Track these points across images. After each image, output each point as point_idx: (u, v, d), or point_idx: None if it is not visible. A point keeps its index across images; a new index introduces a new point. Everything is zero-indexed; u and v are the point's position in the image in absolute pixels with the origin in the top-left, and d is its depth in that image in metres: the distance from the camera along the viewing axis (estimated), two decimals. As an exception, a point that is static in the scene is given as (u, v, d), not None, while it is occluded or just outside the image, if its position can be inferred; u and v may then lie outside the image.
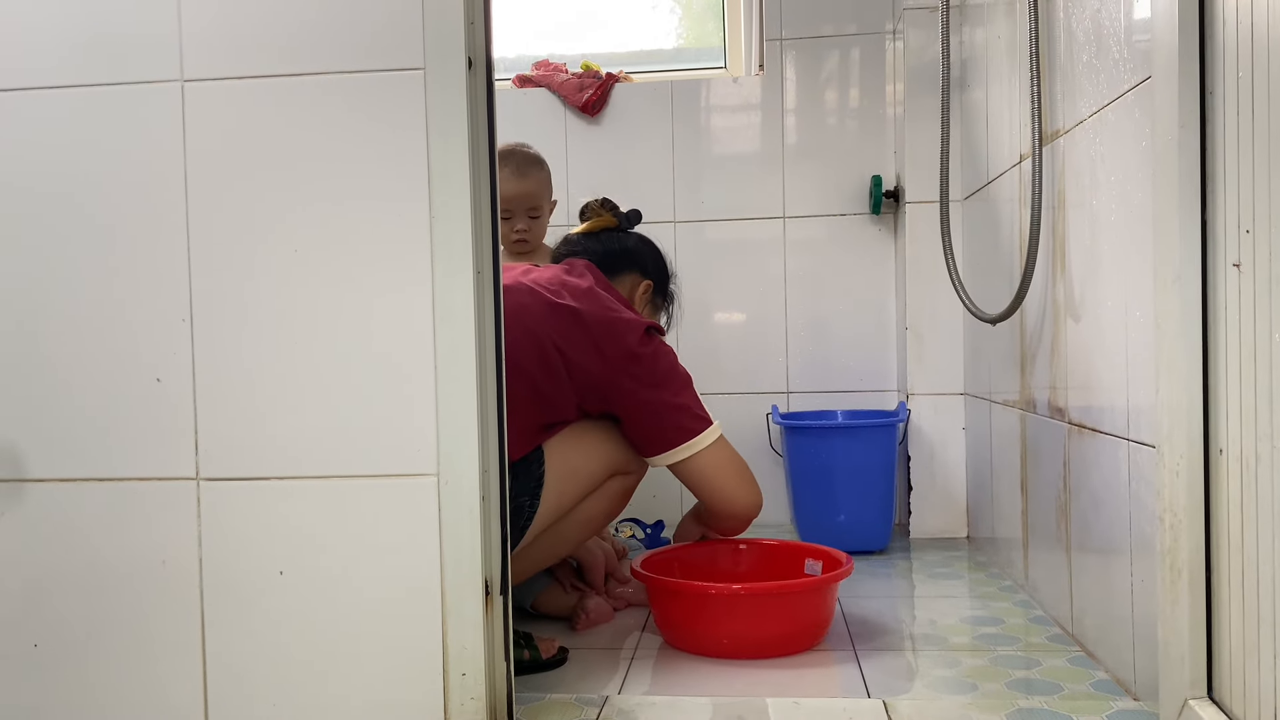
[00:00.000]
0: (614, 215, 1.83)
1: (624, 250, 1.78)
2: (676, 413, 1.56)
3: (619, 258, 1.76)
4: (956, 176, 2.16)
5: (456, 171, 1.07)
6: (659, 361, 1.57)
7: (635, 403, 1.55)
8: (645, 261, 1.80)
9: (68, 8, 1.12)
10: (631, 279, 1.78)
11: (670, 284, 1.85)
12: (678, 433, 1.56)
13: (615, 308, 1.59)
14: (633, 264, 1.78)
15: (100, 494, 1.13)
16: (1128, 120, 1.23)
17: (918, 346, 2.28)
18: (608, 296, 1.62)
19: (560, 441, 1.52)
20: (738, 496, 1.62)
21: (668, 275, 1.84)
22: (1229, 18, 1.00)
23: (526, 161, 2.02)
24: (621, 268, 1.76)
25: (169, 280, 1.12)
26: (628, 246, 1.79)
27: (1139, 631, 1.22)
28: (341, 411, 1.10)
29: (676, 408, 1.56)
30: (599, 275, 1.67)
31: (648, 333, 1.57)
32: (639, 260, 1.79)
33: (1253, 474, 0.98)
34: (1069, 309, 1.47)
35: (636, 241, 1.82)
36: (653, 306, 1.82)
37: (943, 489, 2.27)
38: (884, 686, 1.33)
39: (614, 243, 1.78)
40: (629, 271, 1.77)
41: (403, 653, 1.10)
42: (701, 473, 1.59)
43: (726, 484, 1.61)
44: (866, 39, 2.42)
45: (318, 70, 1.10)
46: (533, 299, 1.52)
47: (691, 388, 1.60)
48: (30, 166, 1.13)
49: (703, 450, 1.57)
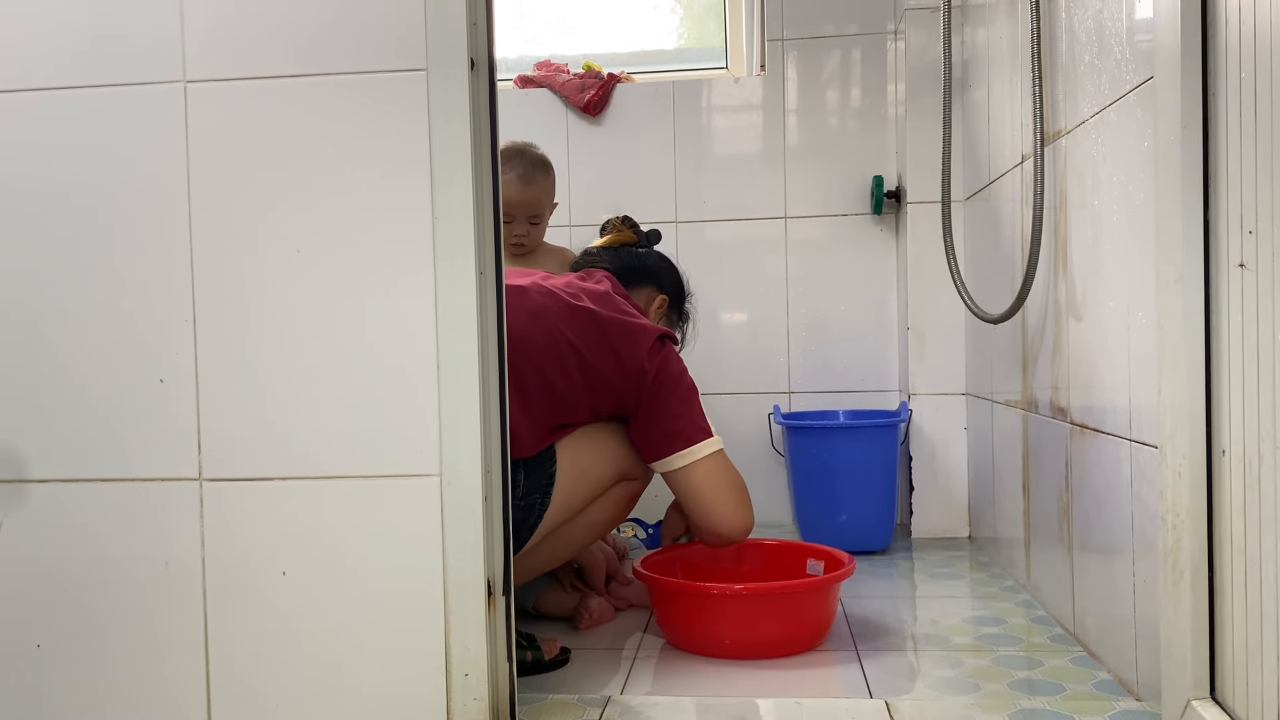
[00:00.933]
0: (634, 232, 1.86)
1: (642, 265, 1.80)
2: (677, 420, 1.56)
3: (637, 272, 1.78)
4: (958, 176, 2.16)
5: (459, 172, 1.07)
6: (669, 368, 1.57)
7: (642, 406, 1.55)
8: (662, 277, 1.82)
9: (71, 9, 1.12)
10: (648, 292, 1.79)
11: (686, 303, 1.87)
12: (675, 439, 1.55)
13: (631, 313, 1.60)
14: (650, 278, 1.80)
15: (103, 494, 1.13)
16: (1130, 120, 1.22)
17: (919, 346, 2.28)
18: (624, 302, 1.63)
19: (572, 442, 1.52)
20: (724, 515, 1.58)
21: (684, 294, 1.87)
22: (1231, 18, 1.00)
23: (534, 166, 2.02)
24: (638, 281, 1.78)
25: (172, 281, 1.12)
26: (646, 263, 1.82)
27: (1141, 632, 1.22)
28: (344, 412, 1.10)
29: (678, 415, 1.56)
30: (616, 283, 1.69)
31: (661, 340, 1.58)
32: (656, 276, 1.81)
33: (1255, 474, 0.98)
34: (1071, 309, 1.47)
35: (656, 259, 1.85)
36: (667, 322, 1.83)
37: (944, 489, 2.27)
38: (886, 687, 1.33)
39: (633, 259, 1.81)
40: (646, 285, 1.79)
41: (405, 653, 1.10)
42: (692, 484, 1.56)
43: (715, 499, 1.57)
44: (868, 39, 2.42)
45: (320, 71, 1.10)
46: (552, 300, 1.53)
47: (697, 399, 1.60)
48: (32, 167, 1.13)
49: (698, 461, 1.55)
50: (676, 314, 1.86)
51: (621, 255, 1.81)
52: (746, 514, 1.61)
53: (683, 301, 1.87)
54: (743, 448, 2.44)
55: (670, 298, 1.82)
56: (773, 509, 2.44)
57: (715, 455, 1.57)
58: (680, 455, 1.55)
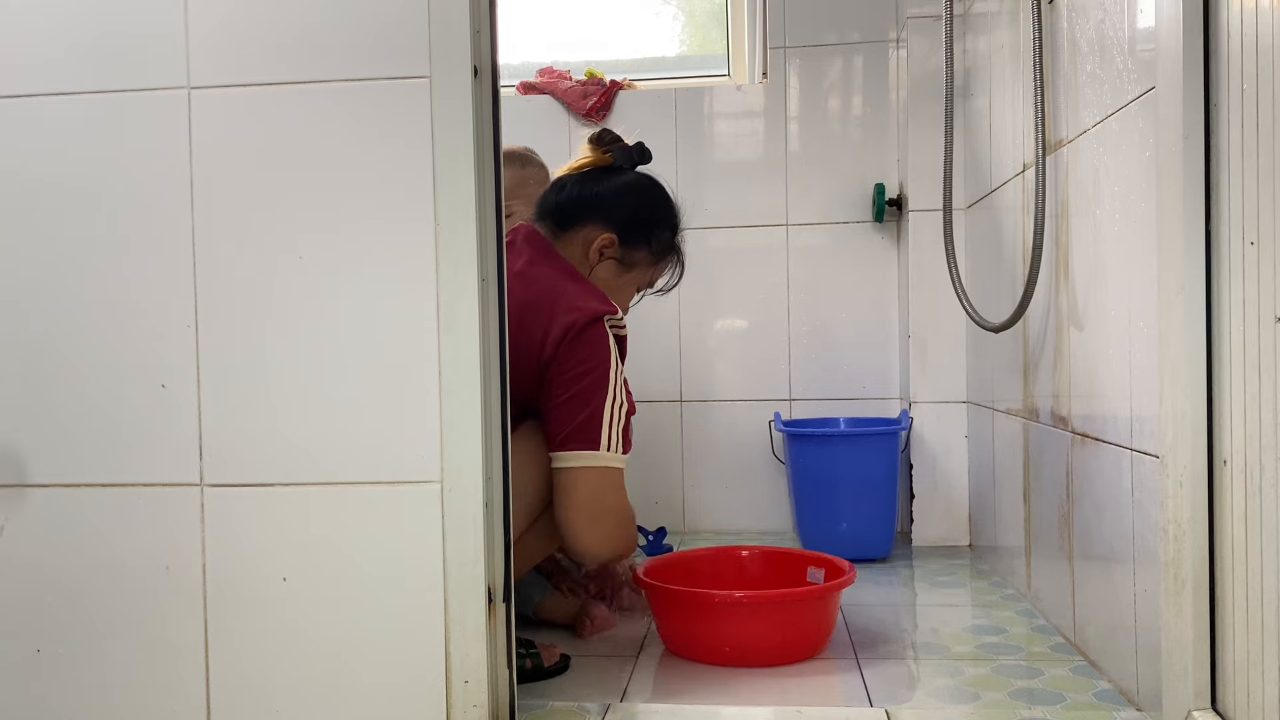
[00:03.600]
0: (609, 151, 1.61)
1: (588, 198, 1.57)
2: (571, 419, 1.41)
3: (578, 207, 1.57)
4: (959, 185, 2.16)
5: (462, 179, 1.07)
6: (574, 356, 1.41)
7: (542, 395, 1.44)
8: (610, 209, 1.57)
9: (77, 15, 1.13)
10: (585, 232, 1.57)
11: (660, 233, 1.61)
12: (554, 438, 1.43)
13: (552, 292, 1.44)
14: (591, 214, 1.56)
15: (105, 499, 1.13)
16: (1132, 130, 1.23)
17: (920, 354, 2.28)
18: (547, 272, 1.48)
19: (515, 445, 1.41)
20: (577, 534, 1.43)
21: (651, 223, 1.60)
22: (1234, 30, 1.00)
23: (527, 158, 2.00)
24: (574, 221, 1.57)
25: (174, 287, 1.12)
26: (596, 193, 1.57)
27: (1142, 641, 1.22)
28: (345, 418, 1.10)
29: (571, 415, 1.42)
30: (537, 241, 1.53)
31: (573, 326, 1.42)
32: (601, 208, 1.56)
33: (1256, 485, 0.98)
34: (1072, 318, 1.47)
35: (616, 188, 1.59)
36: (617, 262, 1.59)
37: (945, 497, 2.27)
38: (886, 695, 1.33)
39: (587, 187, 1.58)
40: (584, 224, 1.57)
41: (406, 660, 1.10)
42: (561, 488, 1.43)
43: (575, 517, 1.43)
44: (870, 47, 2.43)
45: (323, 78, 1.10)
46: None
47: (601, 400, 1.42)
48: (36, 172, 1.14)
49: (576, 469, 1.42)
50: (644, 246, 1.60)
51: (580, 185, 1.59)
52: (605, 545, 1.48)
53: (649, 232, 1.59)
54: (743, 455, 2.45)
55: (619, 233, 1.57)
56: (773, 516, 2.44)
57: (598, 472, 1.41)
58: (555, 456, 1.43)
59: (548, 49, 2.71)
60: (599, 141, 1.63)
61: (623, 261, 1.60)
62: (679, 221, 1.66)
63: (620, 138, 1.65)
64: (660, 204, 1.63)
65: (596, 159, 1.62)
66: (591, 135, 1.65)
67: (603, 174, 1.61)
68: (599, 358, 1.43)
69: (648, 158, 1.66)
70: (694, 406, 2.45)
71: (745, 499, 2.45)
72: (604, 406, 1.42)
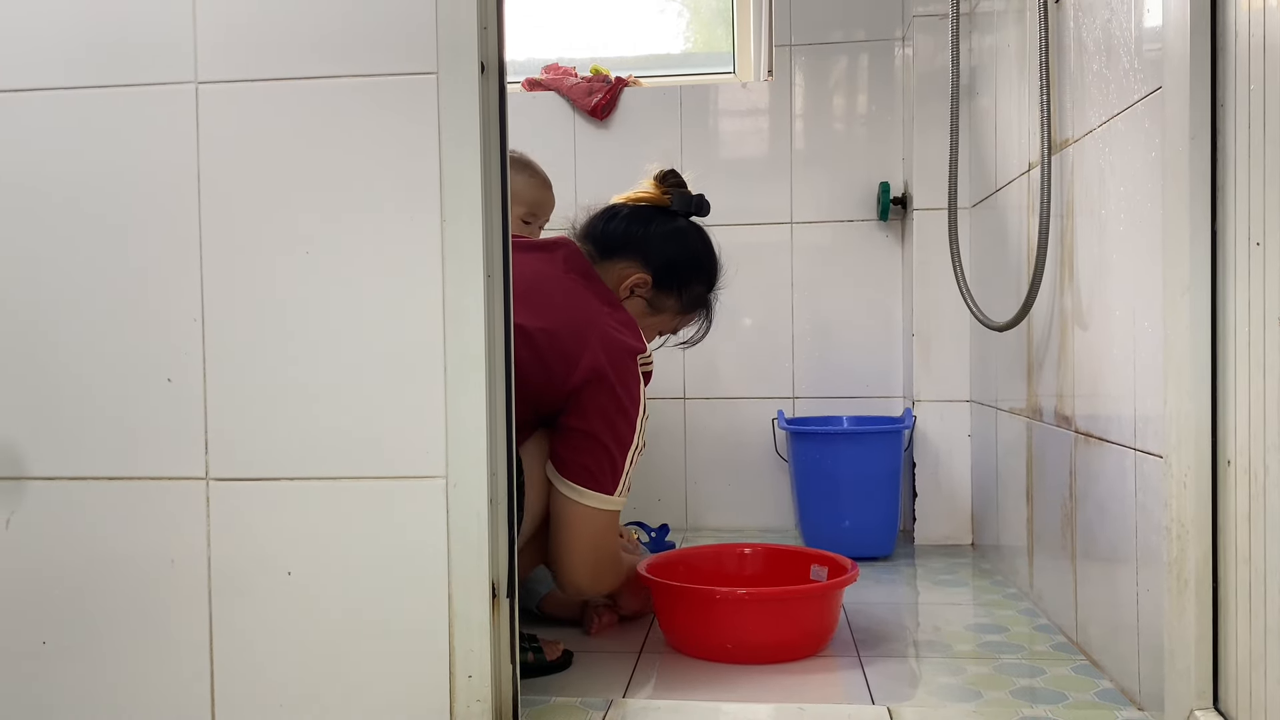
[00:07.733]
0: (669, 194, 1.62)
1: (635, 235, 1.58)
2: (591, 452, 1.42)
3: (624, 241, 1.57)
4: (964, 184, 2.16)
5: (468, 176, 1.08)
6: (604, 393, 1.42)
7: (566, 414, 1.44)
8: (650, 251, 1.58)
9: (84, 10, 1.13)
10: (622, 267, 1.58)
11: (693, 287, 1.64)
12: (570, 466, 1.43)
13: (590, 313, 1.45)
14: (634, 251, 1.58)
15: (110, 493, 1.13)
16: (1138, 130, 1.23)
17: (924, 353, 2.28)
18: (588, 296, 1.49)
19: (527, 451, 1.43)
20: (568, 566, 1.46)
21: (681, 275, 1.61)
22: (1241, 30, 1.00)
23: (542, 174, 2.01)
24: (619, 251, 1.58)
25: (181, 280, 1.12)
26: (644, 232, 1.59)
27: (1144, 641, 1.22)
28: (351, 413, 1.11)
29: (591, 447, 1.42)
30: (580, 265, 1.53)
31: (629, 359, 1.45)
32: (643, 248, 1.58)
33: (1261, 485, 0.98)
34: (1076, 318, 1.47)
35: (664, 233, 1.60)
36: (646, 303, 1.61)
37: (948, 496, 2.27)
38: (888, 693, 1.33)
39: (637, 225, 1.59)
40: (625, 258, 1.58)
41: (409, 654, 1.10)
42: (563, 519, 1.44)
43: (572, 554, 1.45)
44: (876, 45, 2.43)
45: (331, 74, 1.10)
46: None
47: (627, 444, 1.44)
48: (43, 166, 1.14)
49: (584, 506, 1.43)
50: (675, 295, 1.62)
51: (636, 217, 1.59)
52: (597, 585, 1.52)
53: (684, 283, 1.61)
54: (746, 452, 2.45)
55: (655, 276, 1.58)
56: (775, 514, 2.44)
57: (597, 514, 1.43)
58: (568, 485, 1.43)
59: (553, 46, 2.71)
60: (663, 180, 1.64)
61: (651, 304, 1.62)
62: (717, 279, 1.67)
63: (684, 183, 1.66)
64: (702, 259, 1.64)
65: (655, 197, 1.63)
66: (659, 172, 1.65)
67: (657, 213, 1.63)
68: (631, 399, 1.44)
69: (705, 210, 1.66)
70: (697, 403, 2.45)
71: (748, 496, 2.45)
72: (627, 452, 1.45)
